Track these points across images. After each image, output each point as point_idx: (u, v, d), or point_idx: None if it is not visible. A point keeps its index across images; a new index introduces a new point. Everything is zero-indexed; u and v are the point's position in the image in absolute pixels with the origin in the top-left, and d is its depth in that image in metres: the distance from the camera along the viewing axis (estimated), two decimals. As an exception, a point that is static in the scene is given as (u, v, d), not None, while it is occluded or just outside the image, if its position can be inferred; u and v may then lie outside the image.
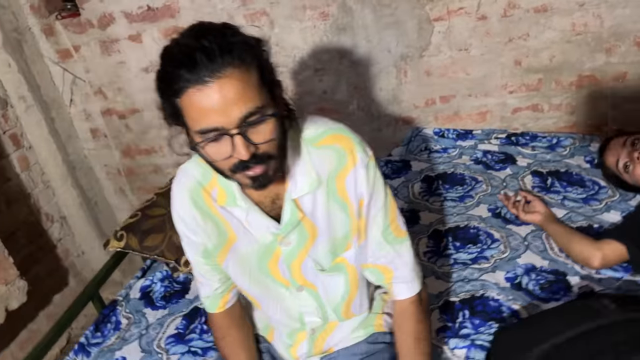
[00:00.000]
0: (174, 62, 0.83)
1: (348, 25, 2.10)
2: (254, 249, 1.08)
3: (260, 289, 1.14)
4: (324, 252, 1.06)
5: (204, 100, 0.82)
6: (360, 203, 1.03)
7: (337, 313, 1.15)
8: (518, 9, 1.93)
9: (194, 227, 1.09)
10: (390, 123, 2.27)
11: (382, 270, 1.10)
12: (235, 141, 0.84)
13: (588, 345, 1.02)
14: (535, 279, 1.45)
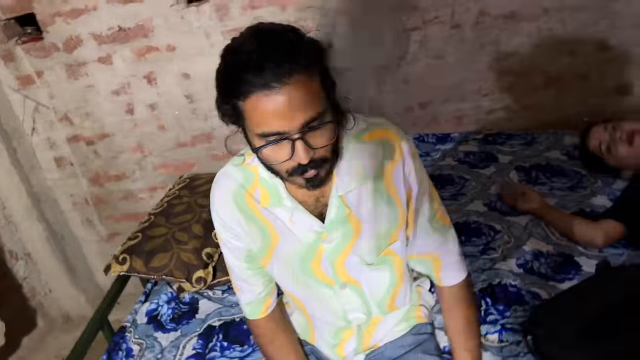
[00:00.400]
0: (240, 65, 0.83)
1: (329, 37, 2.14)
2: (296, 249, 1.07)
3: (304, 290, 1.13)
4: (369, 247, 1.07)
5: (269, 106, 0.82)
6: (408, 193, 1.05)
7: (381, 307, 1.16)
8: (489, 16, 2.06)
9: (238, 231, 1.08)
10: (371, 132, 2.32)
11: (431, 259, 1.12)
12: (296, 145, 0.85)
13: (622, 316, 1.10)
14: (545, 262, 1.52)
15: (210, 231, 1.69)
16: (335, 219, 1.03)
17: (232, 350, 1.47)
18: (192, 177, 2.01)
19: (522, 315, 1.36)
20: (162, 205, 1.82)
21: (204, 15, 2.15)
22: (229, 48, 0.87)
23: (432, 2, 2.06)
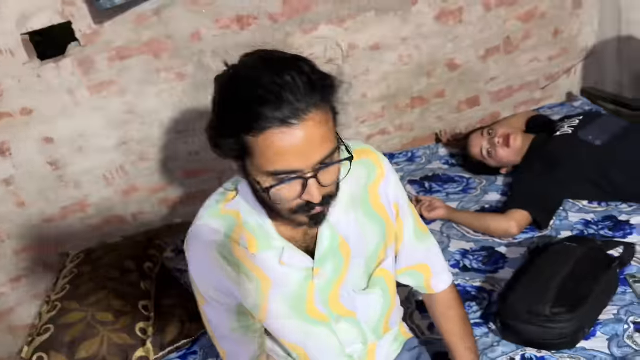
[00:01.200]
0: (256, 97, 0.76)
1: (209, 82, 2.06)
2: (288, 293, 1.02)
3: (302, 334, 1.07)
4: (360, 272, 1.05)
5: (286, 143, 0.77)
6: (396, 208, 1.07)
7: (377, 333, 1.14)
8: (357, 49, 2.21)
9: (228, 286, 0.99)
10: (263, 171, 2.30)
11: (420, 269, 1.15)
12: (309, 184, 0.82)
13: (581, 273, 1.26)
14: (474, 258, 1.66)
15: (136, 303, 1.50)
16: (328, 247, 1.00)
17: None
18: (84, 251, 1.77)
19: (478, 310, 1.46)
20: (63, 288, 1.56)
21: (65, 71, 1.93)
22: (237, 77, 0.81)
23: (306, 40, 2.14)
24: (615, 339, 1.27)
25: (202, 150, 2.18)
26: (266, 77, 0.77)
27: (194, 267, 0.99)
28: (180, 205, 2.26)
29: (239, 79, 0.80)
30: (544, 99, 2.62)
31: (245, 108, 0.77)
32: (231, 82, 0.81)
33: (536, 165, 1.84)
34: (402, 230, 1.10)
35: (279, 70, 0.78)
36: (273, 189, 0.82)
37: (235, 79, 0.81)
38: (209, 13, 2.00)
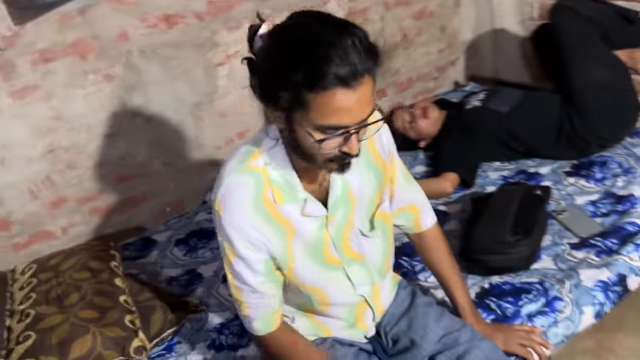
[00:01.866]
0: (321, 55, 0.83)
1: (138, 83, 2.06)
2: (308, 242, 1.11)
3: (322, 279, 1.16)
4: (363, 216, 1.17)
5: (343, 103, 0.86)
6: (389, 153, 1.20)
7: (381, 273, 1.25)
8: (279, 45, 2.33)
9: (261, 240, 1.06)
10: (197, 170, 2.30)
11: (410, 210, 1.29)
12: (351, 138, 0.91)
13: (526, 207, 1.51)
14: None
15: (117, 298, 1.45)
16: (339, 197, 1.10)
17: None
18: (34, 261, 1.64)
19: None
20: (28, 297, 1.44)
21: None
22: (296, 29, 0.87)
23: (231, 38, 2.21)
24: (557, 257, 1.53)
25: (133, 154, 2.13)
26: (332, 37, 0.84)
27: (228, 223, 1.03)
28: (112, 213, 2.16)
29: (304, 33, 0.86)
30: (436, 88, 2.96)
31: (311, 64, 0.83)
32: (295, 35, 0.86)
33: (454, 134, 2.11)
34: (395, 172, 1.23)
35: (343, 31, 0.85)
36: (324, 142, 0.90)
37: (300, 33, 0.87)
38: (135, 12, 1.98)
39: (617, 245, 1.52)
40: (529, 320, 1.34)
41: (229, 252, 1.07)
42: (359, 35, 0.86)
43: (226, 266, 1.11)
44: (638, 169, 1.86)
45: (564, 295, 1.37)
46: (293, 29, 0.89)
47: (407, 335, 1.26)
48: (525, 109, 2.05)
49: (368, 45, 0.86)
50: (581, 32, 1.94)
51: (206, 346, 1.50)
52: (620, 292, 1.41)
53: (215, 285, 1.74)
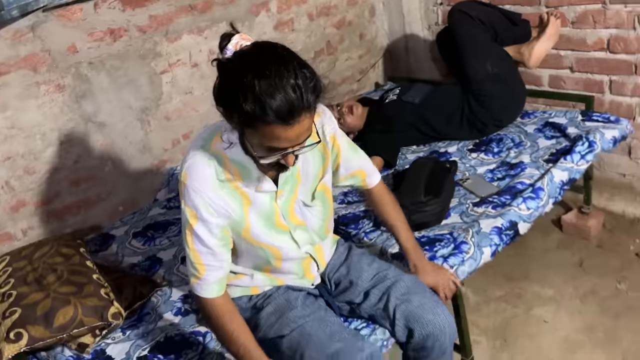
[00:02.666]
0: (266, 101, 1.02)
1: (87, 91, 2.23)
2: (262, 212, 1.34)
3: (271, 239, 1.38)
4: (306, 191, 1.41)
5: (282, 135, 1.08)
6: (332, 139, 1.43)
7: (320, 236, 1.50)
8: (217, 54, 2.56)
9: (222, 206, 1.27)
10: (147, 171, 2.48)
11: (358, 173, 1.53)
12: (288, 156, 1.15)
13: (435, 174, 1.84)
14: (353, 195, 2.15)
15: (91, 276, 1.63)
16: (288, 177, 1.34)
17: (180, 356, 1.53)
18: (7, 254, 1.78)
19: (370, 222, 1.95)
20: (7, 282, 1.59)
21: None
22: (251, 65, 1.05)
23: (172, 48, 2.43)
24: (463, 213, 1.87)
25: (86, 158, 2.29)
26: (277, 80, 1.03)
27: (193, 189, 1.24)
28: (69, 214, 2.31)
29: (255, 70, 1.04)
30: (359, 89, 3.30)
31: (258, 101, 1.03)
32: (247, 69, 1.05)
33: (376, 126, 2.44)
34: (341, 148, 1.46)
35: (289, 75, 1.04)
36: (262, 157, 1.14)
37: (251, 69, 1.05)
38: (83, 27, 2.16)
39: (509, 200, 1.87)
40: (443, 262, 1.65)
41: (192, 218, 1.26)
42: (305, 78, 1.06)
43: (188, 233, 1.28)
44: (527, 142, 2.26)
45: (469, 240, 1.70)
46: (248, 61, 1.08)
47: (347, 278, 1.53)
48: (433, 99, 2.41)
49: (312, 85, 1.07)
50: (474, 33, 2.32)
51: (173, 314, 1.71)
52: (512, 234, 1.75)
53: (176, 266, 1.95)
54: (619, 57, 2.40)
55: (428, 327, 1.41)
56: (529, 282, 2.32)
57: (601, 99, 2.53)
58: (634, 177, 2.59)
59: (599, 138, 2.06)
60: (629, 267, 2.29)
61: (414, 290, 1.46)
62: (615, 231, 2.51)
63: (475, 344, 2.06)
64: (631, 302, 2.13)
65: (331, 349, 1.31)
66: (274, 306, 1.45)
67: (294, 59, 1.09)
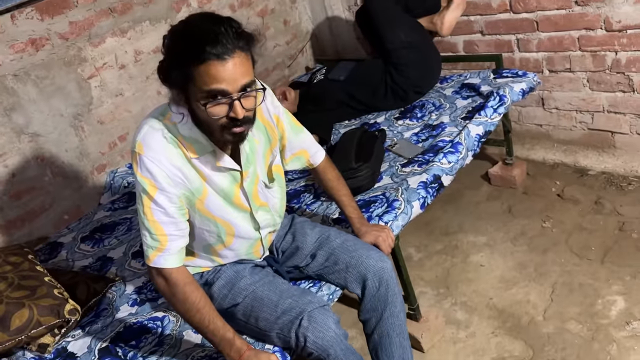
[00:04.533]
0: (200, 38, 1.14)
1: (16, 104, 2.23)
2: (218, 190, 1.39)
3: (228, 215, 1.44)
4: (262, 170, 1.49)
5: (220, 70, 1.15)
6: (276, 118, 1.52)
7: (280, 215, 1.59)
8: (143, 54, 2.61)
9: (179, 176, 1.31)
10: (87, 177, 2.50)
11: (302, 154, 1.62)
12: (234, 104, 1.20)
13: (364, 142, 1.97)
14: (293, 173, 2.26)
15: (42, 278, 1.67)
16: (249, 155, 1.40)
17: (140, 341, 1.60)
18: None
19: (312, 194, 2.05)
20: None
21: None
22: (183, 26, 1.20)
23: (97, 52, 2.45)
24: (393, 175, 2.02)
25: (24, 170, 2.29)
26: (207, 25, 1.17)
27: (150, 159, 1.27)
28: (15, 228, 2.30)
29: (188, 27, 1.19)
30: (291, 74, 3.39)
31: (192, 46, 1.15)
32: (182, 30, 1.19)
33: (308, 107, 2.55)
34: (284, 128, 1.55)
35: (216, 22, 1.18)
36: (209, 105, 1.20)
37: (185, 27, 1.19)
38: (3, 40, 2.16)
39: (432, 157, 2.03)
40: (379, 220, 1.77)
41: (150, 188, 1.29)
42: (232, 24, 1.19)
43: (145, 204, 1.30)
44: (447, 104, 2.43)
45: (399, 197, 1.83)
46: (182, 25, 1.21)
47: (292, 244, 1.64)
48: (358, 74, 2.54)
49: (238, 30, 1.19)
50: (386, 7, 2.46)
51: (129, 305, 1.77)
52: (437, 187, 1.90)
53: (127, 262, 2.00)
54: (521, 16, 2.60)
55: (378, 274, 1.54)
56: (465, 234, 2.50)
57: (512, 57, 2.73)
58: (550, 126, 2.81)
59: (508, 92, 2.24)
60: (552, 208, 2.51)
61: (359, 246, 1.58)
62: (538, 177, 2.72)
63: (421, 295, 2.23)
64: (556, 237, 2.34)
65: (283, 306, 1.41)
66: (224, 279, 1.54)
67: (220, 15, 1.21)
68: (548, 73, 2.64)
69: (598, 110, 2.59)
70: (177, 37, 1.21)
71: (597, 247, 2.21)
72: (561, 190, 2.58)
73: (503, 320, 2.04)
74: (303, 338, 1.38)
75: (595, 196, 2.48)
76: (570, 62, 2.55)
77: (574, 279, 2.11)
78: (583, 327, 1.91)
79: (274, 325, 1.41)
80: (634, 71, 2.38)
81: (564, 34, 2.50)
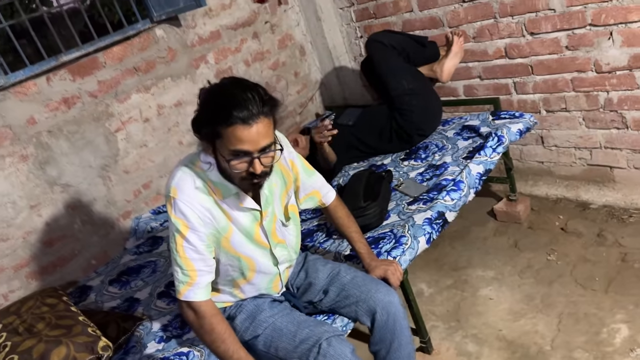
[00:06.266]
0: (228, 103, 1.30)
1: (50, 157, 2.42)
2: (241, 228, 1.54)
3: (250, 251, 1.58)
4: (279, 210, 1.64)
5: (245, 134, 1.32)
6: (291, 163, 1.67)
7: (296, 252, 1.74)
8: (165, 108, 2.82)
9: (208, 216, 1.47)
10: (114, 223, 2.66)
11: (314, 194, 1.77)
12: (254, 161, 1.38)
13: (371, 183, 2.11)
14: (308, 213, 2.39)
15: (77, 318, 1.80)
16: (268, 197, 1.57)
17: None
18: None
19: (324, 234, 2.19)
20: (1, 336, 1.74)
21: None
22: (216, 89, 1.36)
23: (123, 108, 2.66)
24: (400, 212, 2.15)
25: (56, 219, 2.46)
26: (237, 92, 1.33)
27: (184, 201, 1.42)
28: (46, 274, 2.46)
29: (220, 90, 1.36)
30: (302, 120, 3.59)
31: (221, 109, 1.32)
32: (215, 92, 1.36)
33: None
34: (298, 171, 1.71)
35: (245, 89, 1.33)
36: (232, 161, 1.36)
37: (218, 90, 1.36)
38: (38, 100, 2.37)
39: (436, 195, 2.16)
40: (388, 255, 1.89)
41: (183, 228, 1.44)
42: (259, 91, 1.35)
43: (178, 243, 1.44)
44: (449, 145, 2.57)
45: (406, 233, 1.96)
46: (215, 87, 1.38)
47: (306, 280, 1.76)
48: (365, 119, 2.71)
49: (265, 98, 1.35)
50: (388, 57, 2.65)
51: (156, 342, 1.89)
52: (441, 222, 2.02)
53: (153, 302, 2.13)
54: (516, 61, 2.77)
55: (386, 307, 1.65)
56: (473, 268, 2.60)
57: (510, 99, 2.89)
58: (551, 163, 2.93)
59: (506, 132, 2.39)
60: (556, 241, 2.60)
61: (368, 281, 1.70)
62: (542, 212, 2.83)
63: (433, 329, 2.31)
64: (561, 269, 2.42)
65: (301, 336, 1.53)
66: (246, 313, 1.66)
67: (249, 81, 1.38)
68: (545, 113, 2.79)
69: (595, 147, 2.72)
70: (210, 98, 1.36)
71: (600, 278, 2.30)
72: (565, 224, 2.68)
73: (512, 350, 2.11)
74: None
75: (597, 229, 2.57)
76: (566, 102, 2.70)
77: (579, 309, 2.19)
78: (589, 355, 1.97)
79: (293, 354, 1.52)
80: (626, 109, 2.52)
81: (557, 77, 2.66)
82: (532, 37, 2.63)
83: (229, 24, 3.07)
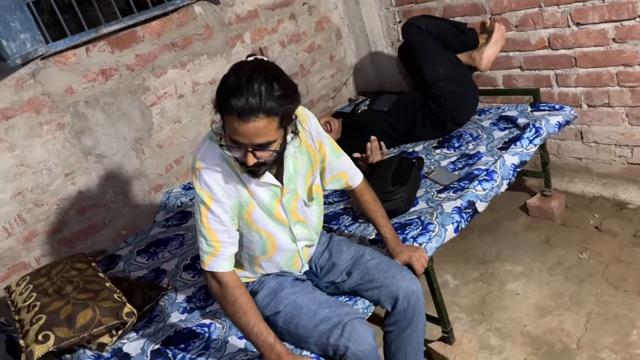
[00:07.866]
0: (229, 90, 1.27)
1: (85, 127, 2.47)
2: (261, 204, 1.54)
3: (269, 227, 1.59)
4: (303, 189, 1.63)
5: (240, 126, 1.29)
6: (319, 144, 1.66)
7: (317, 231, 1.73)
8: (200, 85, 2.84)
9: (231, 188, 1.48)
10: (145, 195, 2.71)
11: (341, 176, 1.76)
12: (248, 154, 1.35)
13: (401, 168, 2.08)
14: (333, 196, 2.38)
15: (104, 284, 1.84)
16: (292, 175, 1.55)
17: (189, 345, 1.73)
18: (24, 276, 1.98)
19: (350, 217, 2.17)
20: (30, 297, 1.79)
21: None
22: (234, 71, 1.31)
23: (159, 82, 2.69)
24: (429, 200, 2.11)
25: (89, 188, 2.52)
26: (245, 82, 1.26)
27: (208, 174, 1.44)
28: (77, 241, 2.52)
29: (233, 74, 1.31)
30: (335, 105, 3.56)
31: (225, 96, 1.30)
32: (229, 73, 1.32)
33: (353, 134, 2.69)
34: (326, 152, 1.68)
35: (256, 80, 1.26)
36: (229, 145, 1.36)
37: (231, 73, 1.32)
38: (77, 70, 2.42)
39: (467, 184, 2.11)
40: (414, 241, 1.87)
41: (208, 200, 1.45)
42: (271, 86, 1.27)
43: (203, 214, 1.46)
44: (484, 135, 2.51)
45: (434, 220, 1.93)
46: (235, 68, 1.34)
47: (329, 261, 1.76)
48: (399, 105, 2.67)
49: (275, 94, 1.28)
50: (424, 42, 2.60)
51: (180, 312, 1.92)
52: (471, 212, 1.98)
53: (178, 274, 2.16)
54: (559, 52, 2.68)
55: (408, 296, 1.64)
56: (501, 262, 2.55)
57: (550, 91, 2.80)
58: (589, 160, 2.84)
59: (544, 124, 2.32)
60: (589, 240, 2.53)
61: (393, 267, 1.69)
62: (577, 209, 2.75)
63: (456, 320, 2.28)
64: (593, 268, 2.35)
65: (321, 315, 1.53)
66: (268, 289, 1.67)
67: (270, 71, 1.32)
68: (586, 107, 2.70)
69: (637, 145, 2.62)
70: (226, 77, 1.33)
71: (634, 279, 2.22)
72: (599, 223, 2.60)
73: (536, 347, 2.07)
74: (344, 348, 1.48)
75: (634, 229, 2.49)
76: (609, 97, 2.60)
77: (609, 309, 2.12)
78: (617, 357, 1.92)
79: (312, 333, 1.52)
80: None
81: (602, 70, 2.57)
82: (578, 28, 2.54)
83: (266, 4, 3.06)
